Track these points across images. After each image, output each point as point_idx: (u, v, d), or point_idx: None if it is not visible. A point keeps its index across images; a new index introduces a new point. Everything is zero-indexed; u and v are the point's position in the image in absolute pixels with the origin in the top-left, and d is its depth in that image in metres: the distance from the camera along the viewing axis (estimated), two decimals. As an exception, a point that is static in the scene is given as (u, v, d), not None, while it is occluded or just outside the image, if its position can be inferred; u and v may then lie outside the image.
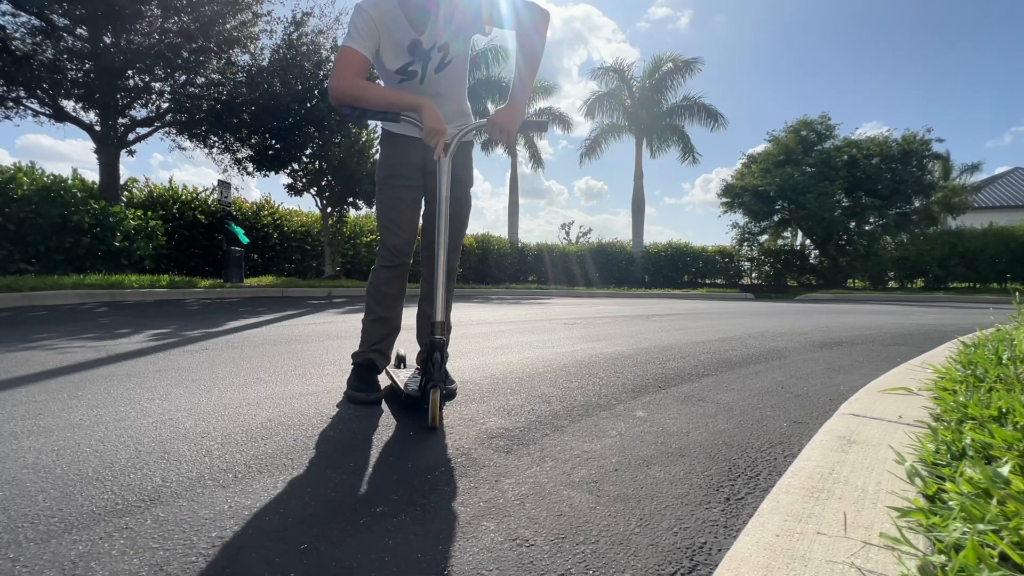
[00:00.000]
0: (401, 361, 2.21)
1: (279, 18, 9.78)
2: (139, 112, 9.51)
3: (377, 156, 9.39)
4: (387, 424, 1.53)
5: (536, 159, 21.89)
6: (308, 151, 10.35)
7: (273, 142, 10.14)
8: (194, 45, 8.63)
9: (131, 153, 9.36)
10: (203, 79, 9.45)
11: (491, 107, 20.52)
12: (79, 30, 8.31)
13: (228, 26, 8.85)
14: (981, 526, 0.69)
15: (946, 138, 18.59)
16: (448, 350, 1.91)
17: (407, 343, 2.35)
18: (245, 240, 9.00)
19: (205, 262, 9.95)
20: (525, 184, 21.73)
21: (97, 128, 8.82)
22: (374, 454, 1.29)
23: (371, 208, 11.92)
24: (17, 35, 7.90)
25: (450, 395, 1.86)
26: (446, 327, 1.74)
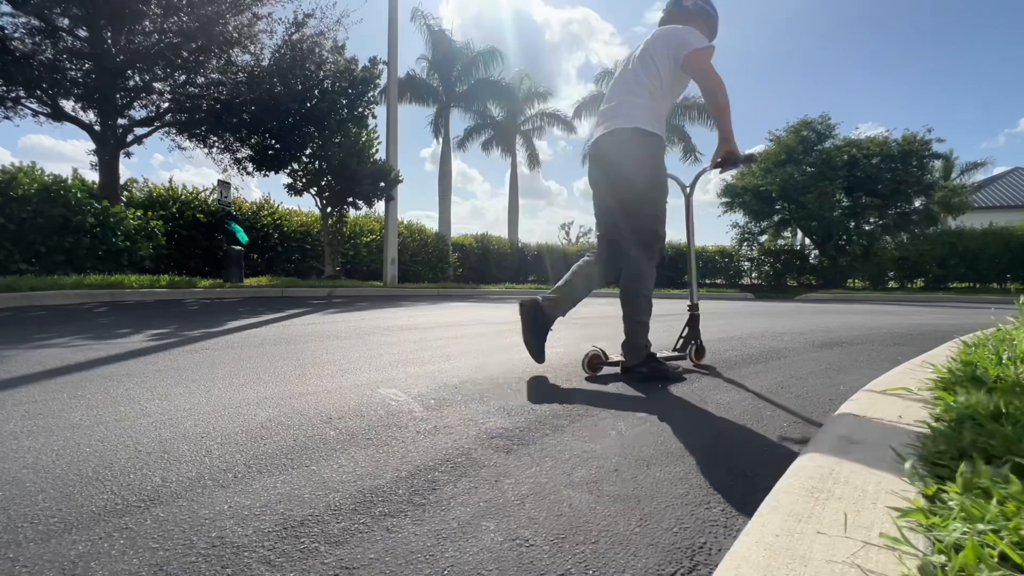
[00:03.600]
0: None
1: (280, 19, 9.78)
2: (139, 112, 9.52)
3: (379, 155, 9.47)
4: (387, 424, 1.53)
5: (533, 159, 21.93)
6: (308, 151, 10.35)
7: (273, 142, 10.14)
8: (194, 45, 8.63)
9: (128, 155, 9.37)
10: (203, 79, 9.46)
11: (491, 107, 20.54)
12: (79, 30, 8.31)
13: (229, 27, 8.85)
14: (981, 526, 0.69)
15: (944, 138, 18.63)
16: (454, 348, 2.25)
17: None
18: (245, 239, 8.99)
19: (205, 262, 9.94)
20: (524, 185, 21.86)
21: (97, 128, 8.82)
22: (373, 454, 1.29)
23: (371, 208, 11.90)
24: (17, 35, 7.90)
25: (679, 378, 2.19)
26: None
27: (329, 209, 10.88)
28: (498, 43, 19.35)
